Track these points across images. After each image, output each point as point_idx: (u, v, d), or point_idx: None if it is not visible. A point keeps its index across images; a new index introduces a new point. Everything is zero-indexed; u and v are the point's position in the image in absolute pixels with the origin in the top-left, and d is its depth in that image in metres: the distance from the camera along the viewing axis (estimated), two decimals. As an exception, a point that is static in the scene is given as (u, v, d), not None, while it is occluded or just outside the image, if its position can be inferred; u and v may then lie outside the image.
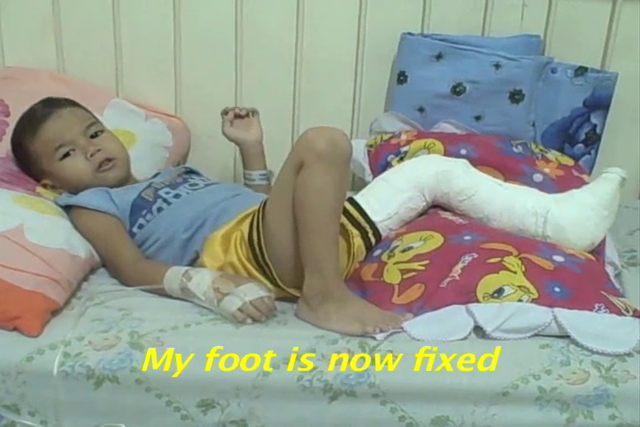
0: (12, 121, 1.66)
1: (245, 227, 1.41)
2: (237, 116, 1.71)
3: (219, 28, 1.90)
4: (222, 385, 1.21)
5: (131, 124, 1.86)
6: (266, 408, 1.22)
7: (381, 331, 1.26)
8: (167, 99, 1.97)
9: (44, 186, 1.60)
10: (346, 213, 1.52)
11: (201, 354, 1.23)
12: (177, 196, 1.55)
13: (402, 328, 1.27)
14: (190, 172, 1.71)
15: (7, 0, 1.89)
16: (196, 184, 1.60)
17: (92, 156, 1.57)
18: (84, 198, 1.54)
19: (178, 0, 1.87)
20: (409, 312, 1.31)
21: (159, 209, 1.53)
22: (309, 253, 1.31)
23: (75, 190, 1.58)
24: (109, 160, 1.59)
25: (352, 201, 1.59)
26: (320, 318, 1.31)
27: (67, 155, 1.56)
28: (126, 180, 1.63)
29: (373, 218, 1.57)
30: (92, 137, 1.59)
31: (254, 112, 1.73)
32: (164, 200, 1.54)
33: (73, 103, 1.64)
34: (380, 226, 1.58)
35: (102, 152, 1.58)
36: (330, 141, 1.29)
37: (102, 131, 1.62)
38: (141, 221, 1.52)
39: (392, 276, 1.40)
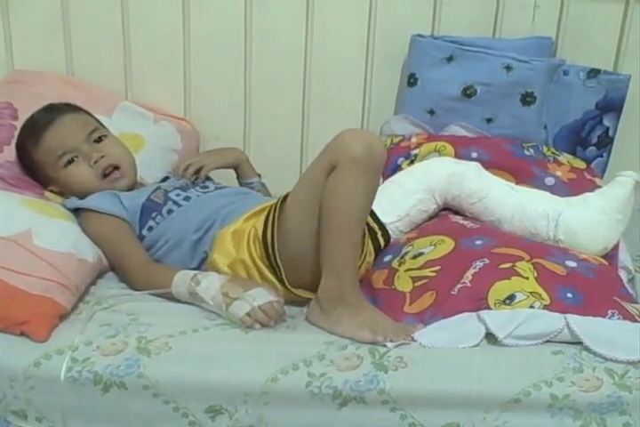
0: (21, 124, 1.66)
1: (260, 224, 1.39)
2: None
3: (228, 30, 1.89)
4: (230, 391, 1.20)
5: (139, 128, 1.85)
6: (274, 415, 1.21)
7: (391, 341, 1.25)
8: (176, 102, 1.96)
9: (51, 192, 1.60)
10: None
11: (209, 359, 1.22)
12: (187, 198, 1.54)
13: (412, 339, 1.26)
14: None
15: (16, 3, 1.89)
16: (207, 187, 1.60)
17: (95, 162, 1.56)
18: (93, 201, 1.53)
19: (187, 3, 1.87)
20: (420, 321, 1.30)
21: (169, 211, 1.52)
22: (330, 257, 1.30)
23: (81, 196, 1.57)
24: (116, 168, 1.58)
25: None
26: (331, 321, 1.30)
27: (70, 162, 1.55)
28: (133, 186, 1.62)
29: (383, 219, 1.56)
30: (96, 142, 1.58)
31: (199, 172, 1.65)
32: (175, 202, 1.53)
33: (75, 109, 1.63)
34: (389, 228, 1.56)
35: (106, 158, 1.57)
36: (367, 146, 1.27)
37: (106, 136, 1.61)
38: (151, 223, 1.51)
39: (403, 283, 1.38)
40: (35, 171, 1.59)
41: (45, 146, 1.55)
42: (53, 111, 1.59)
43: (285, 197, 1.38)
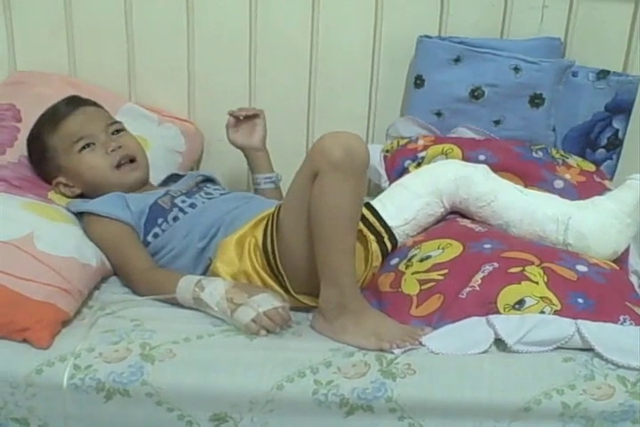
0: (24, 126, 1.65)
1: (259, 233, 1.38)
2: (239, 118, 1.68)
3: (232, 31, 1.88)
4: (235, 399, 1.18)
5: (143, 129, 1.83)
6: (280, 423, 1.19)
7: (398, 347, 1.23)
8: (180, 103, 1.94)
9: (57, 185, 1.58)
10: (362, 217, 1.48)
11: (213, 366, 1.20)
12: (192, 205, 1.53)
13: (420, 343, 1.24)
14: (206, 180, 1.68)
15: (18, 3, 1.87)
16: (211, 194, 1.58)
17: (112, 151, 1.56)
18: (97, 205, 1.51)
19: (191, 3, 1.85)
20: (428, 324, 1.28)
21: (175, 218, 1.50)
22: (326, 266, 1.28)
23: (89, 189, 1.57)
24: (132, 160, 1.58)
25: (368, 206, 1.56)
26: (336, 331, 1.28)
27: (86, 147, 1.56)
28: (144, 183, 1.62)
29: (390, 223, 1.54)
30: (114, 134, 1.60)
31: (257, 115, 1.69)
32: (181, 209, 1.52)
33: (97, 104, 1.65)
34: (396, 231, 1.54)
35: (123, 149, 1.57)
36: (346, 150, 1.24)
37: (124, 130, 1.63)
38: (157, 230, 1.50)
39: (410, 286, 1.36)
40: (44, 160, 1.58)
41: (64, 131, 1.56)
42: (77, 102, 1.62)
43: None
